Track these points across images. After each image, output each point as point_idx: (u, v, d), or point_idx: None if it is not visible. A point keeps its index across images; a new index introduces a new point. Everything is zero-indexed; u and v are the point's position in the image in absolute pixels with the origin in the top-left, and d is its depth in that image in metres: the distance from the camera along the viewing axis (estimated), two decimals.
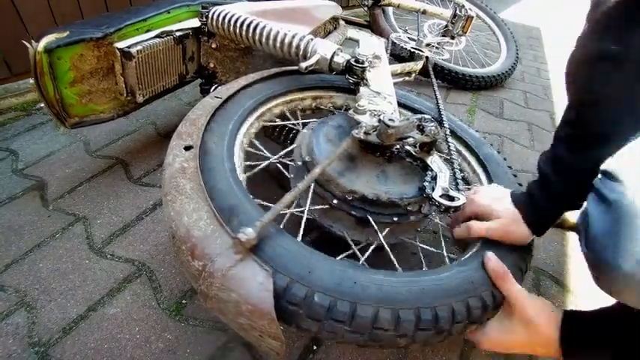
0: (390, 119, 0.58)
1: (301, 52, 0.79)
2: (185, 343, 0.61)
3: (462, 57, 1.93)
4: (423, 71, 1.27)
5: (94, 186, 0.90)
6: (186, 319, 0.64)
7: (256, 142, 0.72)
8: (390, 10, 1.85)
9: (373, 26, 1.69)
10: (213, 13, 0.89)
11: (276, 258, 0.46)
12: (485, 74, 1.72)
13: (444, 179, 0.57)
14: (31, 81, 0.75)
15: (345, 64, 0.75)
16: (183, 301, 0.67)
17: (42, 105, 1.17)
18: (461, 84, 1.65)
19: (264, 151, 0.71)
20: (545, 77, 2.10)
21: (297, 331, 0.47)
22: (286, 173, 0.69)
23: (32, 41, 0.72)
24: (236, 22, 0.86)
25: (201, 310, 0.66)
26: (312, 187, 0.60)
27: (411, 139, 0.60)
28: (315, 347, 0.62)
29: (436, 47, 1.23)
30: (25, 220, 0.79)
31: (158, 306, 0.66)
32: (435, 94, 0.94)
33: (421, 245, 0.64)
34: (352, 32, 1.22)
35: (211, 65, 1.01)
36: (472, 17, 1.25)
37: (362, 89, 0.74)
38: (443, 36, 1.36)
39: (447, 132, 0.81)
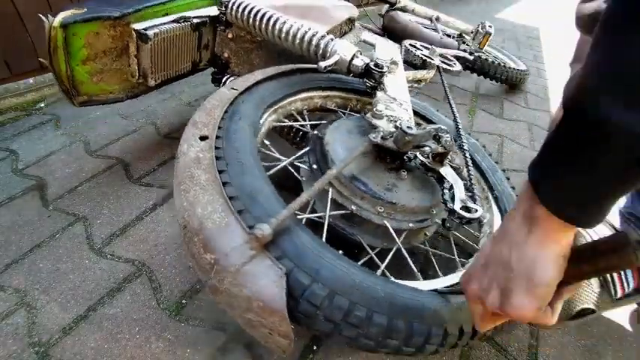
0: (408, 127, 0.59)
1: (320, 52, 0.78)
2: (185, 343, 0.60)
3: None
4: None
5: (94, 186, 0.89)
6: (186, 319, 0.64)
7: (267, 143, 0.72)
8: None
9: (387, 31, 1.70)
10: (233, 3, 0.88)
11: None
12: (518, 69, 1.71)
13: (460, 190, 0.57)
14: (42, 60, 0.74)
15: (364, 67, 0.75)
16: (183, 301, 0.66)
17: (42, 105, 1.16)
18: (491, 75, 1.60)
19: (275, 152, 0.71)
20: (545, 77, 2.10)
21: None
22: (297, 176, 0.69)
23: (49, 15, 0.70)
24: (256, 14, 0.85)
25: (201, 310, 0.65)
26: (330, 193, 0.60)
27: (427, 148, 0.60)
28: (315, 347, 0.62)
29: (449, 58, 1.24)
30: (25, 220, 0.78)
31: (158, 306, 0.65)
32: (450, 103, 0.94)
33: (433, 250, 0.65)
34: (367, 35, 1.22)
35: (225, 55, 1.00)
36: (490, 34, 1.26)
37: (379, 94, 0.74)
38: (458, 48, 1.37)
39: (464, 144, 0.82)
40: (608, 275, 0.49)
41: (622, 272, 0.49)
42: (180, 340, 0.61)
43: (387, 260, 0.58)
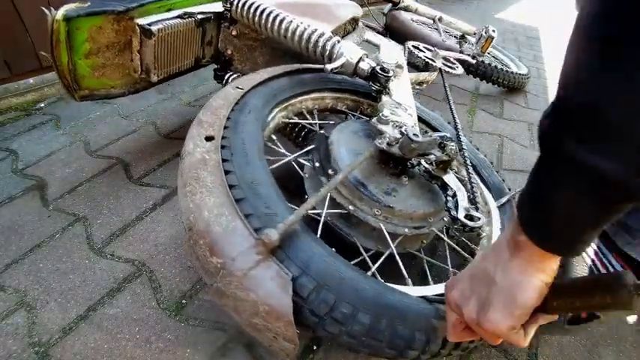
0: (414, 134, 0.59)
1: (327, 53, 0.78)
2: (185, 343, 0.60)
3: None
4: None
5: (94, 186, 0.88)
6: (186, 319, 0.64)
7: (274, 138, 0.72)
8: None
9: (389, 31, 1.69)
10: (239, 0, 0.87)
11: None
12: (520, 73, 1.72)
13: (463, 198, 0.58)
14: (43, 53, 0.73)
15: (370, 70, 0.75)
16: (183, 301, 0.66)
17: (42, 105, 1.15)
18: (493, 79, 1.60)
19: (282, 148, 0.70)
20: (545, 77, 2.11)
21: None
22: (301, 173, 0.69)
23: (51, 9, 0.69)
24: (262, 12, 0.84)
25: (201, 310, 0.65)
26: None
27: (432, 155, 0.61)
28: (315, 347, 0.63)
29: (451, 61, 1.24)
30: (25, 220, 0.77)
31: (158, 306, 0.65)
32: (451, 109, 0.95)
33: (427, 258, 0.65)
34: (370, 35, 1.22)
35: (229, 52, 0.99)
36: (493, 38, 1.27)
37: (384, 98, 0.75)
38: (460, 50, 1.37)
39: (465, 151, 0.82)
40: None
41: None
42: (180, 340, 0.61)
43: (378, 263, 0.58)
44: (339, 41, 0.78)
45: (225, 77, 1.01)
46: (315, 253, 0.47)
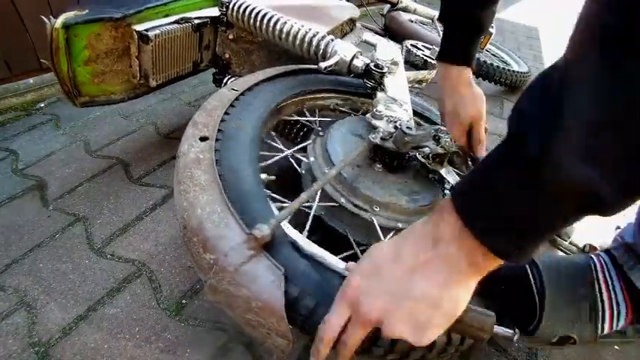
0: (407, 127, 0.59)
1: (321, 52, 0.79)
2: (185, 343, 0.60)
3: None
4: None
5: (94, 186, 0.89)
6: (186, 319, 0.64)
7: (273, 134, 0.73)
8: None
9: (388, 31, 1.70)
10: (234, 3, 0.88)
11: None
12: (521, 71, 1.72)
13: None
14: (44, 60, 0.74)
15: (364, 67, 0.75)
16: (183, 301, 0.67)
17: (42, 105, 1.16)
18: (495, 79, 1.60)
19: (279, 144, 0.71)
20: None
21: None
22: (298, 168, 0.69)
23: (50, 17, 0.70)
24: (257, 15, 0.85)
25: (201, 310, 0.65)
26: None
27: (426, 148, 0.60)
28: None
29: None
30: (25, 220, 0.78)
31: (158, 306, 0.65)
32: None
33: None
34: (368, 36, 1.22)
35: (226, 56, 1.00)
36: (491, 34, 1.26)
37: (379, 94, 0.74)
38: None
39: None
40: (599, 306, 0.48)
41: (615, 304, 0.48)
42: (180, 340, 0.61)
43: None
44: (332, 40, 0.78)
45: (224, 81, 1.02)
46: None
